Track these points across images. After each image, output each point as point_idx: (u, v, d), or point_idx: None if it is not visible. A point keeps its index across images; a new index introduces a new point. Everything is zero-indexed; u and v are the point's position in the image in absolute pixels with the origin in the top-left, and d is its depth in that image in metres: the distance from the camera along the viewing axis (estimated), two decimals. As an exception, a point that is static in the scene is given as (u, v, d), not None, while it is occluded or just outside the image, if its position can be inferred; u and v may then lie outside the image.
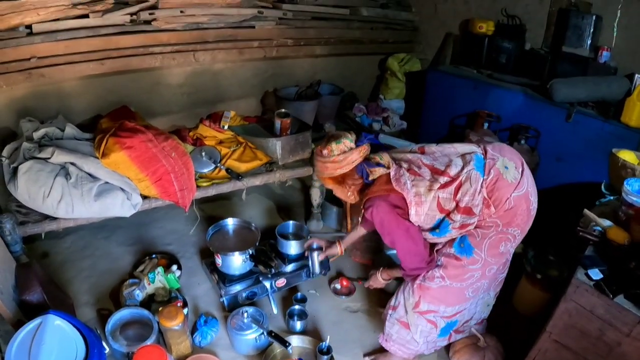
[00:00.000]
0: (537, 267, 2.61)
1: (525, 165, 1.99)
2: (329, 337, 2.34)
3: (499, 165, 1.92)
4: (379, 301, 2.71)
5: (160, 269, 2.63)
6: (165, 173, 2.61)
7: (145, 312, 2.39)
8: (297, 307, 2.57)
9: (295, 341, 2.43)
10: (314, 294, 2.81)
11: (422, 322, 2.14)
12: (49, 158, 2.51)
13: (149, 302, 2.56)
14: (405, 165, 2.00)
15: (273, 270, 2.58)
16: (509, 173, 1.92)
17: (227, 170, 2.84)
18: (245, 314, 2.37)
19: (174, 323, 2.24)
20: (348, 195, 2.07)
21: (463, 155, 1.98)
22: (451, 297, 2.08)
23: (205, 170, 2.87)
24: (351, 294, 2.79)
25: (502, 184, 1.89)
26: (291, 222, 2.88)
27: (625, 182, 2.04)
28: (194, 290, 2.78)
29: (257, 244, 2.61)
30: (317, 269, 2.62)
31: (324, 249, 2.57)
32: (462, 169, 1.91)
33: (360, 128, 4.14)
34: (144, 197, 2.69)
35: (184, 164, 2.69)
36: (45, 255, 2.99)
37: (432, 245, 2.08)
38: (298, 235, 2.84)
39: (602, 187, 2.42)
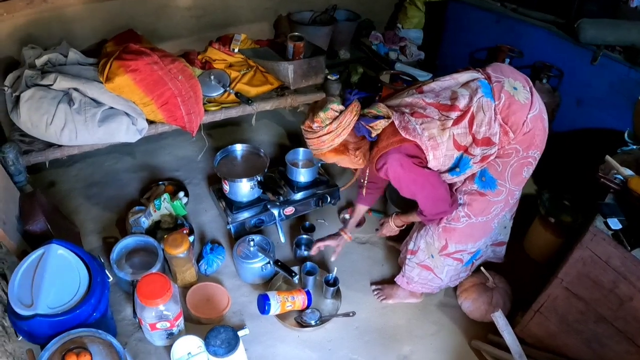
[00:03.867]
0: (551, 211, 2.39)
1: (530, 82, 1.75)
2: (335, 268, 2.15)
3: (507, 87, 1.67)
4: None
5: (166, 196, 2.44)
6: (171, 97, 2.37)
7: (151, 239, 2.24)
8: (304, 236, 2.38)
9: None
10: (323, 223, 2.61)
11: (449, 262, 1.99)
12: (51, 85, 2.33)
13: (155, 230, 2.41)
14: (407, 110, 1.73)
15: (282, 198, 2.36)
16: (520, 94, 1.68)
17: (236, 94, 2.58)
18: (252, 242, 2.19)
19: (179, 250, 2.09)
20: (356, 161, 1.80)
21: (466, 84, 1.72)
22: (478, 232, 1.91)
23: (214, 95, 2.62)
24: (360, 225, 2.59)
25: (516, 107, 1.65)
26: (301, 149, 2.64)
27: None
28: (201, 217, 2.60)
29: (265, 170, 2.39)
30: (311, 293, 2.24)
31: (335, 245, 2.33)
32: (471, 98, 1.66)
33: (376, 56, 3.79)
34: (150, 122, 2.49)
35: (192, 87, 2.44)
36: (52, 184, 2.83)
37: (451, 185, 1.86)
38: (308, 162, 2.60)
39: (626, 135, 2.15)
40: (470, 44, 3.60)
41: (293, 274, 2.10)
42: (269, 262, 2.15)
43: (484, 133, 1.64)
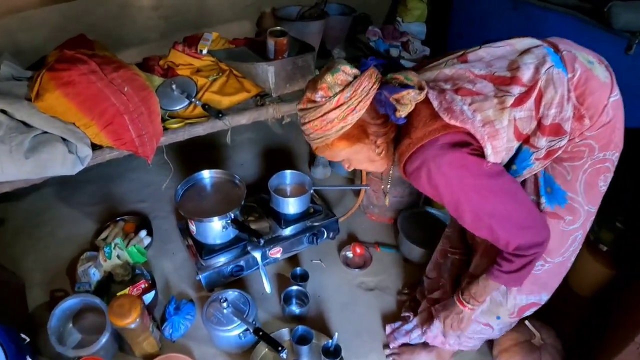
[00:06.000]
0: (601, 236, 1.85)
1: (606, 61, 1.22)
2: (337, 333, 1.56)
3: (581, 59, 1.14)
4: (407, 274, 1.93)
5: (118, 240, 1.89)
6: (116, 114, 1.81)
7: (97, 301, 1.71)
8: (295, 287, 1.80)
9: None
10: (319, 265, 2.04)
11: (515, 320, 1.46)
12: (-29, 108, 1.79)
13: (109, 282, 1.86)
14: (448, 85, 1.16)
15: (261, 241, 1.77)
16: (597, 69, 1.14)
17: (203, 106, 2.00)
18: (225, 303, 1.59)
19: (127, 321, 1.55)
20: (378, 154, 1.21)
21: (527, 51, 1.17)
22: (554, 279, 1.36)
23: (177, 108, 2.05)
24: (367, 265, 2.01)
25: (595, 84, 1.11)
26: (288, 172, 2.06)
27: None
28: (167, 263, 2.06)
29: (242, 203, 1.80)
30: None
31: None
32: (537, 69, 1.10)
33: (375, 54, 3.21)
34: (98, 147, 1.89)
35: (143, 100, 1.87)
36: (1, 222, 2.30)
37: None
38: (298, 188, 2.02)
39: None
40: (482, 36, 2.97)
41: (280, 349, 1.52)
42: (247, 329, 1.57)
43: (554, 117, 1.08)
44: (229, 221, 1.77)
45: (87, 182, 2.49)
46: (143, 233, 2.06)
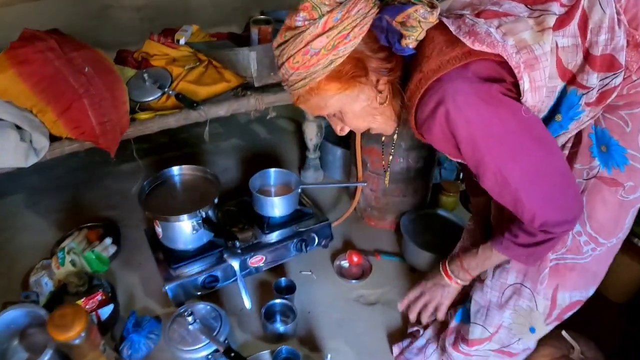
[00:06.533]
0: (637, 230, 1.51)
1: None
2: (329, 355, 1.25)
3: None
4: (414, 285, 1.64)
5: (73, 244, 1.60)
6: (75, 98, 1.58)
7: (42, 313, 1.43)
8: (279, 301, 1.50)
9: None
10: (309, 276, 1.73)
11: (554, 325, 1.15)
12: None
13: (62, 294, 1.56)
14: (467, 11, 0.90)
15: (237, 244, 1.48)
16: None
17: (177, 95, 1.76)
18: (190, 317, 1.29)
19: (69, 335, 1.24)
20: (380, 104, 0.94)
21: None
22: (603, 267, 1.07)
23: (149, 99, 1.82)
24: (365, 275, 1.72)
25: None
26: (272, 169, 1.79)
27: None
28: (133, 274, 1.76)
29: (215, 200, 1.53)
30: None
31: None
32: None
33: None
34: (57, 138, 1.65)
35: (107, 84, 1.65)
36: None
37: None
38: (284, 188, 1.75)
39: None
40: None
41: (255, 371, 1.22)
42: (217, 350, 1.27)
43: (604, 46, 0.83)
44: (200, 221, 1.50)
45: (57, 189, 2.24)
46: (108, 241, 1.78)
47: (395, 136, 1.62)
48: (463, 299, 1.30)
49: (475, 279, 1.19)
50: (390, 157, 1.72)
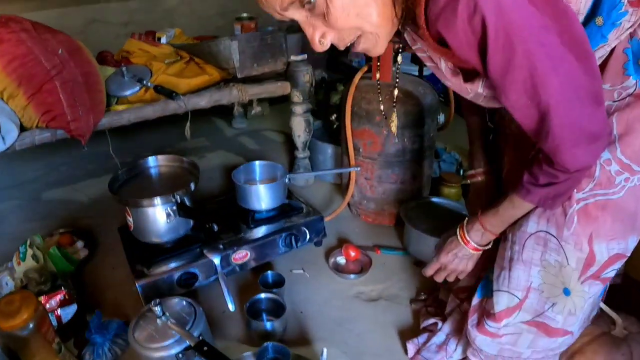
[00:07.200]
0: None
1: None
2: (325, 349, 1.05)
3: None
4: (419, 277, 1.46)
5: (37, 238, 1.42)
6: (46, 80, 1.47)
7: None
8: (264, 295, 1.30)
9: None
10: (301, 275, 1.54)
11: (594, 288, 0.92)
12: None
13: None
14: None
15: (216, 228, 1.30)
16: None
17: (156, 87, 1.64)
18: (157, 308, 1.09)
19: (15, 322, 1.07)
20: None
21: None
22: None
23: (127, 93, 1.71)
24: (365, 270, 1.52)
25: None
26: (258, 162, 1.64)
27: None
28: (105, 277, 1.56)
29: (192, 186, 1.36)
30: None
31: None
32: None
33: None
34: (27, 128, 1.53)
35: (81, 68, 1.55)
36: None
37: None
38: (270, 181, 1.59)
39: None
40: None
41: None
42: (189, 348, 1.06)
43: None
44: (174, 208, 1.32)
45: (33, 198, 2.08)
46: (80, 244, 1.61)
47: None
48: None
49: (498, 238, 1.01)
50: (396, 92, 1.53)
